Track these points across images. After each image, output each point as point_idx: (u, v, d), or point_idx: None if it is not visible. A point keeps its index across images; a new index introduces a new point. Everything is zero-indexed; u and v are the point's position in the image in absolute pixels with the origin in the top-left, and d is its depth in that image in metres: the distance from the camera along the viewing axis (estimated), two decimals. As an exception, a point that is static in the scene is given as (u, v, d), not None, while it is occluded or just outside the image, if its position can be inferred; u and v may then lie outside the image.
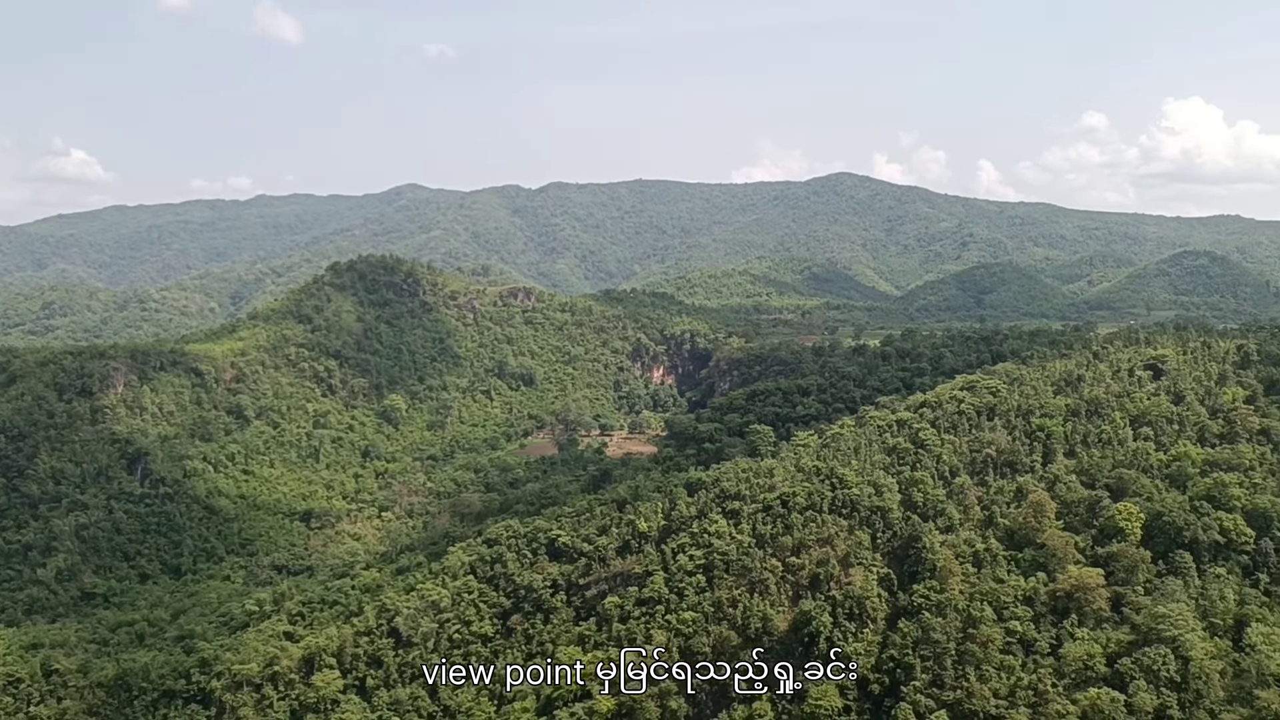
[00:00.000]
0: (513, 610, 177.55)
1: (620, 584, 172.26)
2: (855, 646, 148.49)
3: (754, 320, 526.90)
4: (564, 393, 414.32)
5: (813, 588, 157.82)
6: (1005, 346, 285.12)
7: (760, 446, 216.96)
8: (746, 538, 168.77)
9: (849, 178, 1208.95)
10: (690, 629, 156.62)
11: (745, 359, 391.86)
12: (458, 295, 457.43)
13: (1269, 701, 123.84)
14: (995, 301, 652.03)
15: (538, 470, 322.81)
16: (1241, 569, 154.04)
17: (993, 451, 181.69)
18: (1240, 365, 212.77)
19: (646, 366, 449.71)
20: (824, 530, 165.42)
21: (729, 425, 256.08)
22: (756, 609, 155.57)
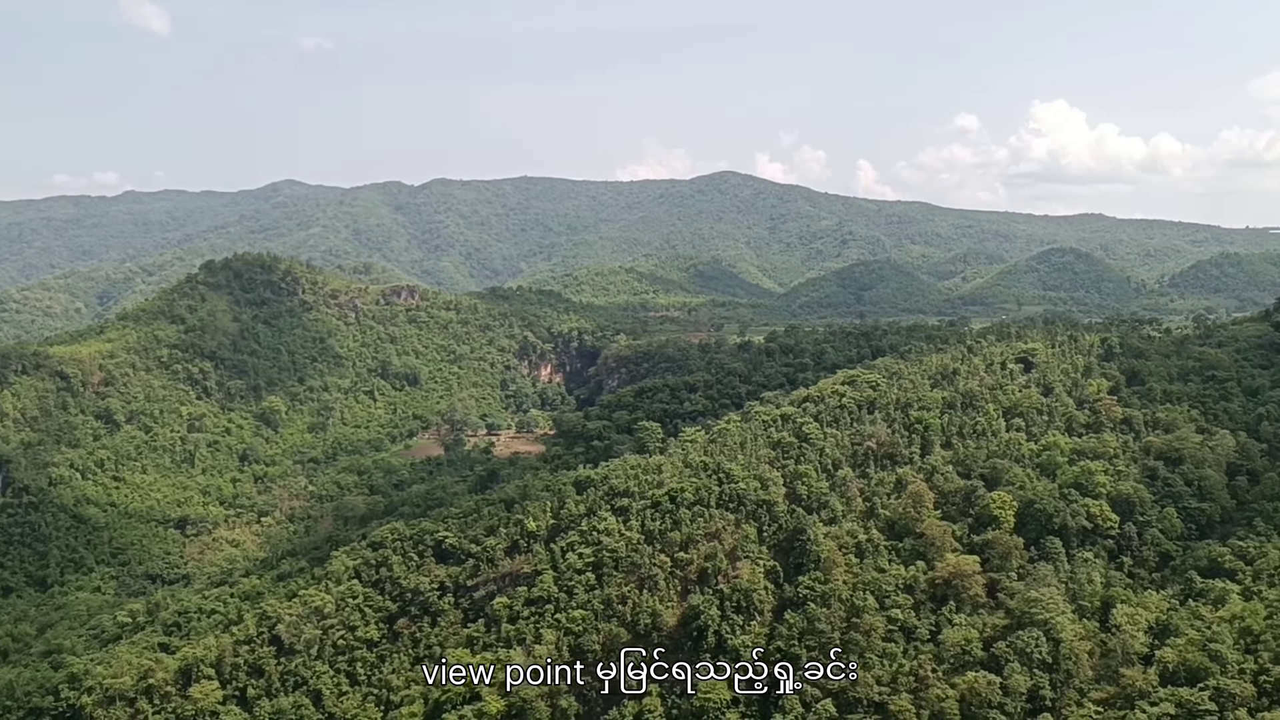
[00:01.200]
0: (399, 614, 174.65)
1: (509, 584, 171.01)
2: (743, 639, 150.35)
3: (641, 318, 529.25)
4: (450, 392, 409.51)
5: (701, 582, 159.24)
6: (884, 342, 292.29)
7: (649, 443, 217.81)
8: (636, 534, 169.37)
9: (733, 176, 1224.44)
10: (580, 627, 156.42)
11: (633, 356, 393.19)
12: (338, 294, 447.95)
13: (1133, 679, 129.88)
14: (874, 298, 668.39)
15: (423, 471, 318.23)
16: (1107, 553, 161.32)
17: (873, 444, 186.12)
18: (1104, 358, 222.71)
19: (534, 365, 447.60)
20: (712, 525, 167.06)
21: (617, 423, 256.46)
22: (646, 605, 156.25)
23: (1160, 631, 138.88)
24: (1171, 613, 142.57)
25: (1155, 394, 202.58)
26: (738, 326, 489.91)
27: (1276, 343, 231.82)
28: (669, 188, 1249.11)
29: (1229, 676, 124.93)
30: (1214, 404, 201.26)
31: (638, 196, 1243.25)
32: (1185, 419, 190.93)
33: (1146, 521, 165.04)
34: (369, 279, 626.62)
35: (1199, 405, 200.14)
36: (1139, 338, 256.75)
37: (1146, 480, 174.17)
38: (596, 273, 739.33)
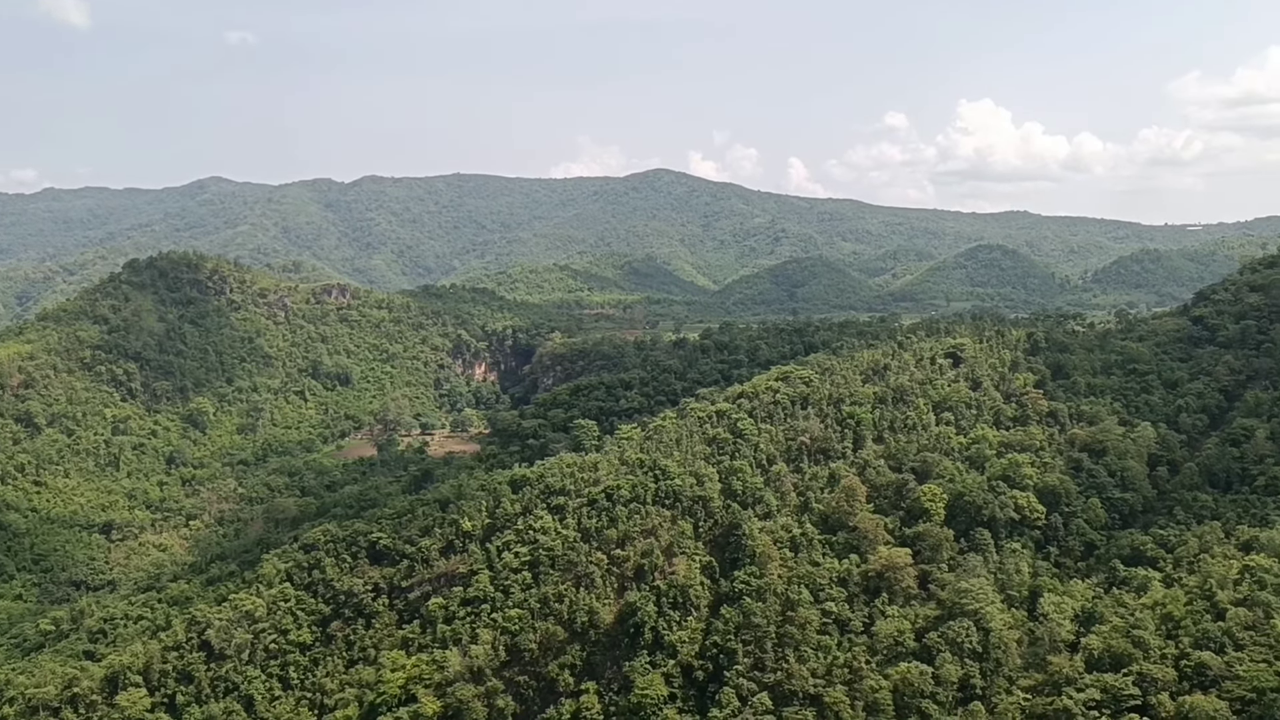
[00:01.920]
0: (332, 616, 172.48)
1: (444, 585, 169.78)
2: (680, 635, 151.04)
3: (576, 315, 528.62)
4: (382, 392, 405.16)
5: (638, 579, 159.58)
6: (817, 338, 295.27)
7: (584, 441, 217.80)
8: (572, 532, 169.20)
9: (666, 174, 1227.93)
10: (517, 626, 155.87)
11: (568, 354, 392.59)
12: (267, 293, 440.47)
13: (1060, 666, 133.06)
14: (807, 295, 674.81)
15: (356, 472, 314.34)
16: (1034, 543, 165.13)
17: (807, 439, 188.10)
18: (1030, 352, 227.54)
19: (468, 364, 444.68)
20: (648, 522, 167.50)
21: (553, 421, 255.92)
22: (583, 603, 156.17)
23: (1086, 619, 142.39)
24: (1096, 601, 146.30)
25: (1079, 387, 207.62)
26: (673, 324, 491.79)
27: (1194, 337, 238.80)
28: (603, 185, 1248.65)
29: (1151, 662, 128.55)
30: (1135, 396, 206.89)
31: (572, 194, 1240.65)
32: (1108, 411, 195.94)
33: (1072, 512, 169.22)
34: (299, 277, 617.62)
35: (1121, 398, 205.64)
36: (1063, 332, 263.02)
37: (1072, 472, 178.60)
38: (531, 270, 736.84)
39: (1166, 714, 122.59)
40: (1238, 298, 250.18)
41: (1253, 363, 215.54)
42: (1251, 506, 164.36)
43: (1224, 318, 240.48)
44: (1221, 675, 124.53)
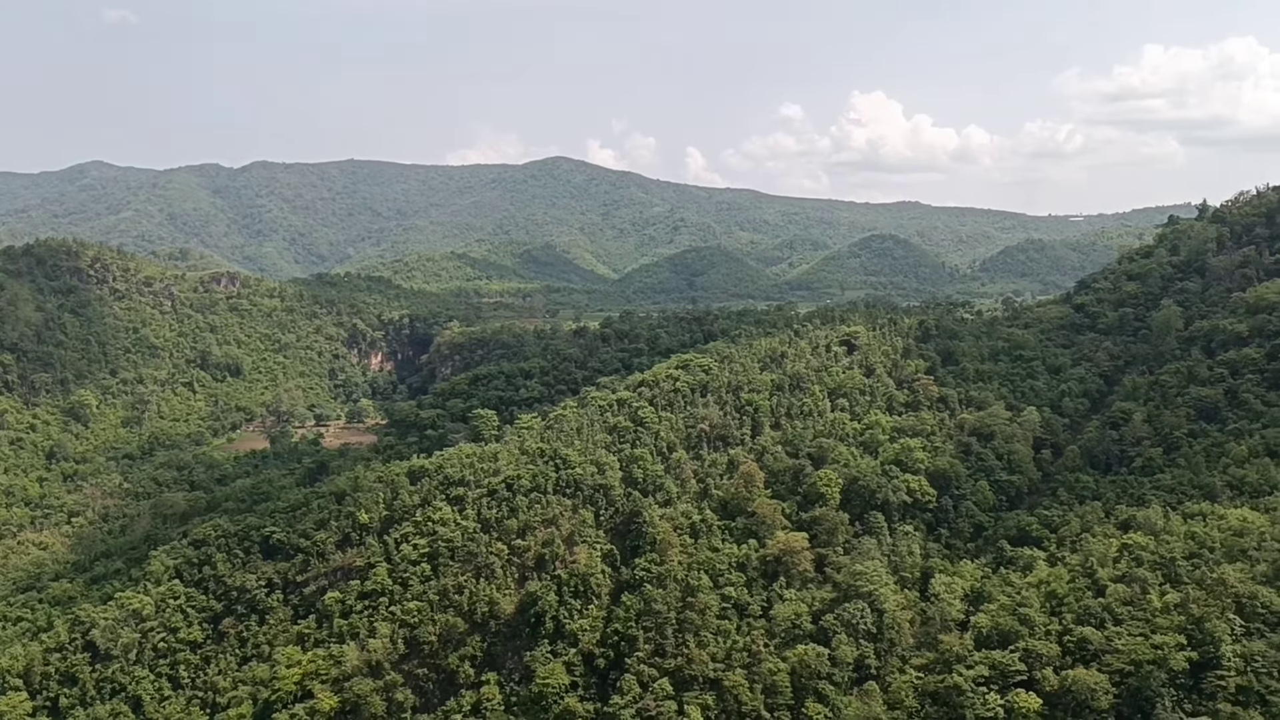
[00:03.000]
0: (224, 613, 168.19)
1: (341, 578, 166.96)
2: (581, 623, 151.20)
3: (474, 304, 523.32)
4: (275, 383, 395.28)
5: (539, 568, 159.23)
6: (716, 326, 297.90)
7: (484, 431, 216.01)
8: (472, 523, 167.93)
9: (565, 162, 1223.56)
10: (416, 619, 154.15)
11: (467, 343, 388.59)
12: (153, 281, 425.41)
13: (951, 644, 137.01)
14: (706, 283, 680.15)
15: (248, 465, 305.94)
16: (926, 525, 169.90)
17: (706, 426, 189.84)
18: (921, 339, 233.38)
19: (364, 353, 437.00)
20: (549, 511, 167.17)
21: (451, 411, 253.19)
22: (483, 594, 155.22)
23: (975, 598, 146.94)
24: (985, 580, 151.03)
25: (968, 373, 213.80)
26: (573, 312, 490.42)
27: (1077, 324, 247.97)
28: (501, 173, 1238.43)
29: (1036, 638, 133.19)
30: (1021, 382, 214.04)
31: (469, 181, 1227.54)
32: (996, 396, 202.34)
33: (961, 494, 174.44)
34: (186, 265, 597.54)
35: (1008, 383, 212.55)
36: (953, 320, 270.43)
37: (961, 455, 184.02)
38: (428, 259, 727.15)
39: (1050, 688, 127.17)
40: (1116, 286, 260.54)
41: (1130, 348, 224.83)
42: (1130, 487, 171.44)
43: (1104, 305, 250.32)
44: (1102, 649, 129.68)
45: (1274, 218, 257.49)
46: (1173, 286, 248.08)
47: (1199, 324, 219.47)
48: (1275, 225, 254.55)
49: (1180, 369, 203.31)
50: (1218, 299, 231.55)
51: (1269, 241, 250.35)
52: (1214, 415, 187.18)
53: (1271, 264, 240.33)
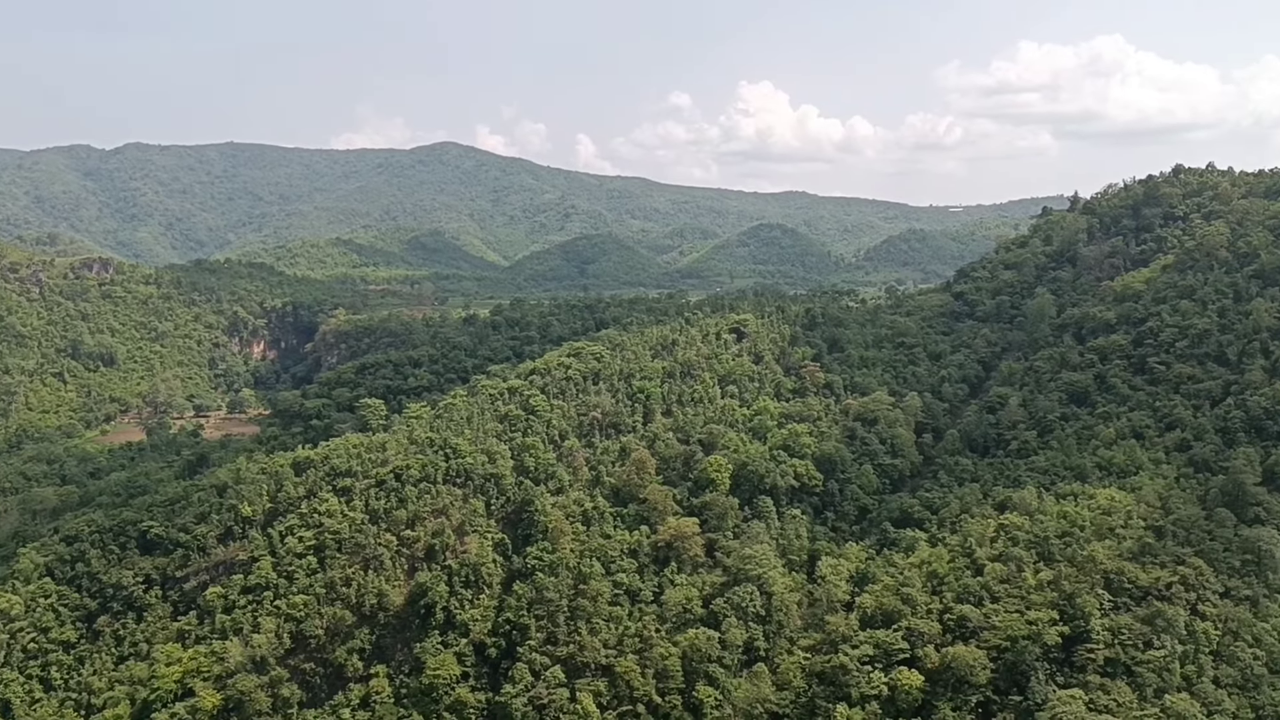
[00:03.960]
0: (100, 612, 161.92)
1: (223, 573, 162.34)
2: (472, 613, 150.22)
3: (361, 291, 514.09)
4: (151, 373, 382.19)
5: (429, 559, 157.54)
6: (607, 314, 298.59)
7: (371, 421, 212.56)
8: (359, 514, 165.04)
9: (454, 148, 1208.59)
10: (302, 613, 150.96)
11: (353, 332, 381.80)
12: (19, 267, 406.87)
13: (837, 625, 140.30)
14: (597, 271, 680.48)
15: (123, 458, 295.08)
16: (813, 509, 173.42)
17: (598, 414, 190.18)
18: (808, 327, 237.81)
19: (245, 342, 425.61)
20: (439, 501, 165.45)
21: (338, 400, 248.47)
22: (372, 586, 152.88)
23: (860, 579, 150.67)
24: (869, 562, 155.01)
25: (853, 360, 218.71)
26: (463, 300, 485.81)
27: (956, 311, 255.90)
28: (388, 157, 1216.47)
29: (918, 617, 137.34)
30: (904, 368, 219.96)
31: (355, 166, 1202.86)
32: (879, 383, 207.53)
33: (847, 478, 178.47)
34: (55, 251, 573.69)
35: (891, 370, 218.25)
36: (839, 308, 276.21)
37: (846, 440, 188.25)
38: (312, 245, 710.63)
39: (932, 665, 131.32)
40: (994, 275, 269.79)
41: (1007, 335, 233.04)
42: (1006, 469, 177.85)
43: (981, 294, 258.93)
44: (980, 626, 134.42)
45: (1140, 210, 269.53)
46: (1046, 275, 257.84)
47: (1070, 312, 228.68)
48: (1141, 217, 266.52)
49: (1053, 355, 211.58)
50: (1088, 288, 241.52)
51: (1135, 232, 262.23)
52: (1084, 399, 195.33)
53: (1137, 254, 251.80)
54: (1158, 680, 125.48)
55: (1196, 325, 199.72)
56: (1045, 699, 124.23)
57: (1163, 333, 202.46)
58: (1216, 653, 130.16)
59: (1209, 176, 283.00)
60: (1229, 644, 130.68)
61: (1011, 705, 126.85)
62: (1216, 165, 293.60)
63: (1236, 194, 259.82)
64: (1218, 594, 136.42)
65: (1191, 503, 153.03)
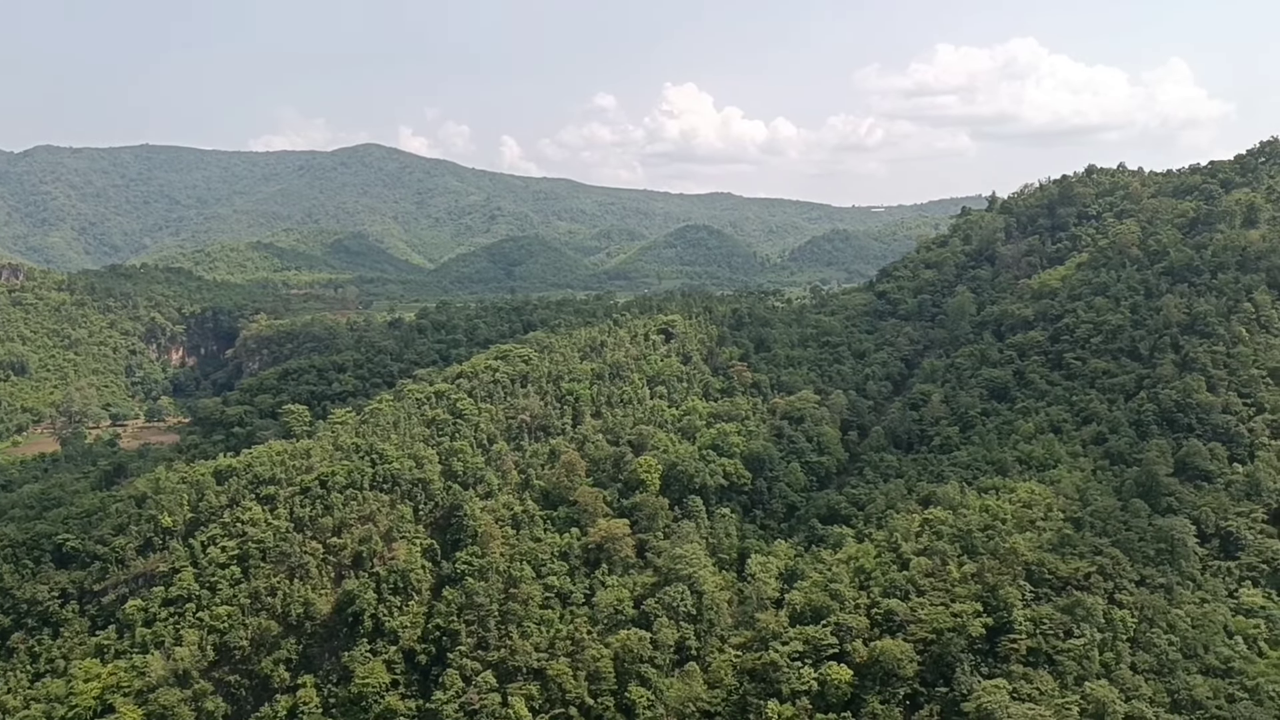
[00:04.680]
0: (13, 628, 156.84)
1: (143, 585, 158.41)
2: (401, 620, 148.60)
3: (283, 296, 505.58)
4: (65, 381, 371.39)
5: (356, 566, 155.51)
6: (535, 316, 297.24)
7: (295, 427, 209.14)
8: (284, 523, 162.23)
9: (376, 149, 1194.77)
10: (225, 624, 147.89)
11: (275, 337, 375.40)
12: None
13: (767, 622, 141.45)
14: (524, 273, 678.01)
15: (36, 470, 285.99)
16: (742, 507, 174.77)
17: (527, 417, 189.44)
18: (735, 327, 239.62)
19: (163, 349, 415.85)
20: (365, 507, 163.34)
21: (260, 407, 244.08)
22: (298, 595, 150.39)
23: (789, 576, 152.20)
24: (798, 559, 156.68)
25: (780, 359, 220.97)
26: (387, 303, 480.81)
27: (879, 310, 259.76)
28: (309, 159, 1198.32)
29: (847, 612, 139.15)
30: (829, 366, 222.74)
31: (275, 168, 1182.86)
32: (805, 381, 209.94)
33: (775, 476, 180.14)
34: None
35: (817, 368, 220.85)
36: (765, 308, 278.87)
37: (774, 439, 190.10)
38: (231, 249, 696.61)
39: (860, 659, 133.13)
40: (915, 274, 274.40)
41: (929, 333, 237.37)
42: (930, 464, 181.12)
43: (904, 293, 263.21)
44: (907, 620, 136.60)
45: (1054, 209, 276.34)
46: (966, 274, 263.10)
47: (990, 309, 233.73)
48: (1056, 216, 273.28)
49: (973, 352, 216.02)
50: (1006, 285, 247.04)
51: (1050, 231, 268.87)
52: (1004, 395, 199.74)
53: (1053, 252, 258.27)
54: (1078, 668, 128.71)
55: (1110, 321, 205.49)
56: (970, 689, 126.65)
57: (1078, 329, 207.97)
58: (1133, 640, 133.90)
59: (1120, 176, 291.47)
60: (1145, 631, 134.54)
61: (938, 697, 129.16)
62: (1127, 165, 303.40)
63: (1146, 193, 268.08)
64: (1134, 582, 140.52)
65: (1108, 494, 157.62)
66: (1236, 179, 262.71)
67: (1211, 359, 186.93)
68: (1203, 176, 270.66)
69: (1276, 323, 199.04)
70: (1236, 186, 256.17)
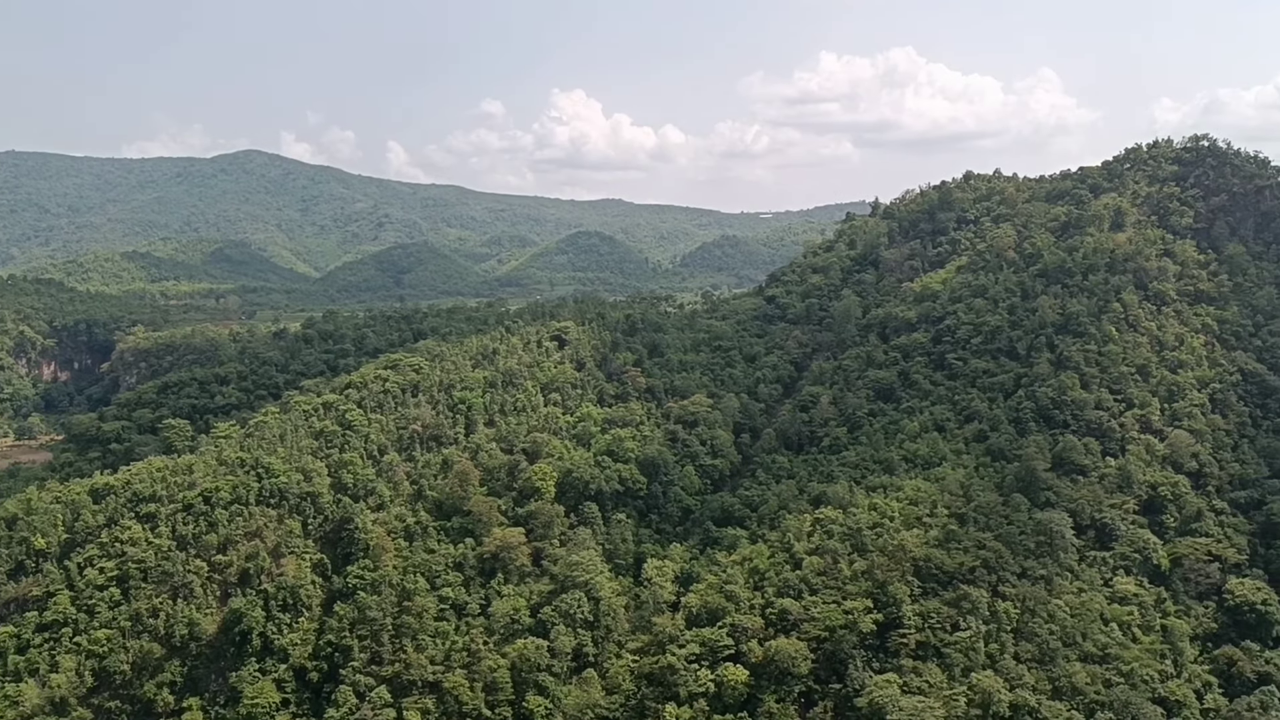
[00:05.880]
0: None
1: (15, 610, 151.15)
2: (291, 637, 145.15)
3: (161, 307, 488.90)
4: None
5: (243, 584, 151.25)
6: (425, 324, 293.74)
7: (176, 442, 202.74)
8: (166, 541, 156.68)
9: (258, 155, 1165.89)
10: (105, 648, 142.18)
11: (154, 349, 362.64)
12: None
13: (664, 626, 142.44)
14: (414, 281, 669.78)
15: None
16: (638, 512, 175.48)
17: (419, 427, 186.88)
18: (628, 332, 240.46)
19: (34, 363, 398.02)
20: (252, 523, 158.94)
21: (139, 422, 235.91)
22: (182, 615, 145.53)
23: (685, 579, 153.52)
24: (693, 561, 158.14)
25: (673, 364, 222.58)
26: (272, 313, 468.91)
27: (769, 314, 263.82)
28: (187, 166, 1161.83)
29: (742, 613, 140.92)
30: (721, 370, 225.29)
31: (151, 175, 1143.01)
32: (698, 385, 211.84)
33: (670, 480, 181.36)
34: None
35: (709, 372, 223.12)
36: (657, 314, 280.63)
37: (669, 443, 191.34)
38: (106, 259, 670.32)
39: (756, 659, 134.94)
40: (803, 279, 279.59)
41: (817, 336, 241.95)
42: (820, 465, 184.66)
43: (792, 297, 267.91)
44: (800, 619, 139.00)
45: (935, 214, 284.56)
46: (851, 278, 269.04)
47: (875, 312, 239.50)
48: (936, 221, 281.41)
49: (860, 354, 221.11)
50: (890, 289, 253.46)
51: (931, 236, 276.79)
52: (890, 395, 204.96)
53: (934, 256, 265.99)
54: (964, 660, 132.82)
55: (989, 322, 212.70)
56: (862, 685, 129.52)
57: (959, 330, 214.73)
58: (1016, 630, 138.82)
59: (996, 182, 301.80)
60: (1027, 621, 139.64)
61: (831, 693, 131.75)
62: (1003, 171, 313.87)
63: (1021, 198, 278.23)
64: (1016, 575, 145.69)
65: (990, 490, 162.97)
66: (1104, 184, 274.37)
67: (1084, 357, 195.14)
68: (1073, 182, 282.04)
69: (1144, 322, 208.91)
70: (1104, 191, 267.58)
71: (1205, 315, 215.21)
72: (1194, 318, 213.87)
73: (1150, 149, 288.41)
